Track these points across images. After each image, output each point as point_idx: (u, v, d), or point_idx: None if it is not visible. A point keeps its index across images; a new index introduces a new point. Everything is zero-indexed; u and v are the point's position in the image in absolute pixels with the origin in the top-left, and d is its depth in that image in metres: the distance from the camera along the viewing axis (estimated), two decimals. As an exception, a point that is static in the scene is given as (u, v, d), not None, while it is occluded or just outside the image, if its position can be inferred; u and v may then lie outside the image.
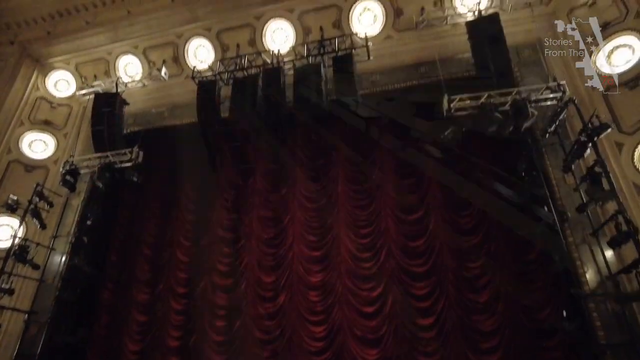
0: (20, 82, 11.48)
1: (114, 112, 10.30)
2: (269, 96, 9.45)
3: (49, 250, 9.66)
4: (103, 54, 11.83)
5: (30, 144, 11.15)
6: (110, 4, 11.55)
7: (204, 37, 11.25)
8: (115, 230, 11.11)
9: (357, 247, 9.38)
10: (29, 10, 11.95)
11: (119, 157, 9.92)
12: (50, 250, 9.68)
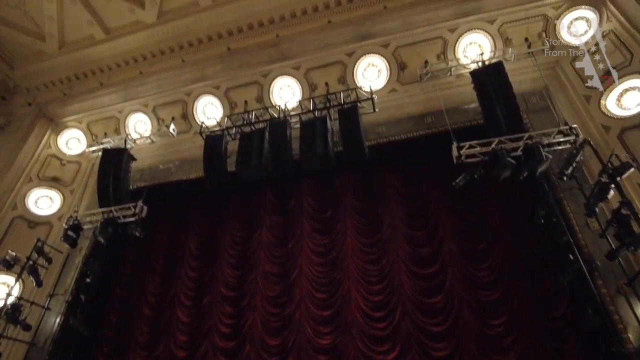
0: (33, 140, 11.70)
1: (120, 167, 10.26)
2: (275, 148, 9.39)
3: (44, 310, 9.18)
4: (114, 112, 12.13)
5: (36, 201, 11.10)
6: (124, 66, 12.07)
7: (212, 95, 11.52)
8: (115, 288, 10.67)
9: (370, 306, 8.76)
10: (47, 74, 12.53)
11: (123, 212, 9.70)
12: (45, 309, 9.20)
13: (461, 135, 8.37)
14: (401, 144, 9.87)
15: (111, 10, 11.35)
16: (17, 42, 12.17)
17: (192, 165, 11.25)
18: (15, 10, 11.56)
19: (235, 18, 11.06)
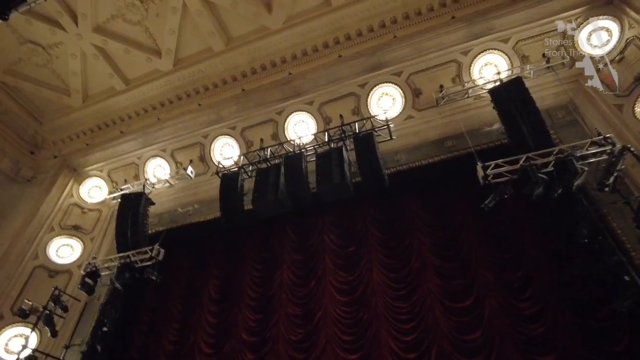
0: (56, 191, 11.91)
1: (138, 211, 10.20)
2: (291, 182, 9.13)
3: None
4: (133, 159, 12.31)
5: (57, 250, 11.09)
6: (143, 114, 12.38)
7: (229, 136, 11.58)
8: (134, 337, 10.24)
9: (401, 347, 8.01)
10: (72, 127, 12.97)
11: (140, 256, 9.51)
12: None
13: (486, 157, 7.89)
14: (422, 170, 9.46)
15: (130, 62, 11.80)
16: (44, 99, 12.74)
17: (210, 206, 11.09)
18: (43, 69, 12.18)
19: (248, 60, 11.28)
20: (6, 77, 12.16)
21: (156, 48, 11.56)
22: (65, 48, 11.61)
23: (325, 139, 9.60)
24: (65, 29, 11.12)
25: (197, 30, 11.08)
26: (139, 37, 11.39)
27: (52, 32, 11.25)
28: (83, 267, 10.13)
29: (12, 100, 12.50)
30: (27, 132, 12.96)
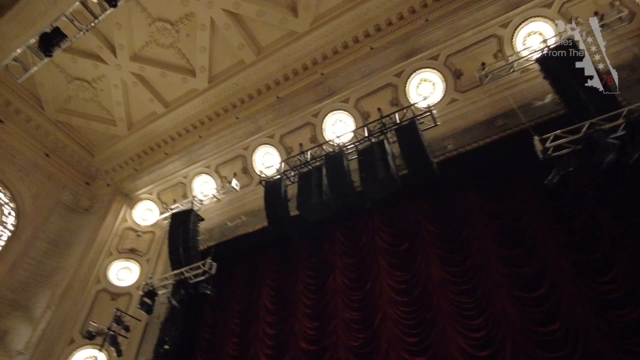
0: (111, 217, 12.40)
1: (188, 228, 10.32)
2: (334, 182, 8.85)
3: (125, 384, 8.98)
4: (180, 178, 12.60)
5: (117, 273, 11.45)
6: (185, 134, 12.68)
7: (268, 145, 11.56)
8: (195, 354, 10.28)
9: (472, 344, 7.38)
10: (121, 155, 13.53)
11: (193, 272, 9.57)
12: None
13: (542, 132, 7.20)
14: (473, 154, 8.84)
15: (167, 84, 12.15)
16: (94, 131, 13.41)
17: (257, 216, 11.04)
18: (90, 103, 12.85)
19: (280, 67, 11.25)
20: (59, 115, 12.92)
21: (190, 68, 11.83)
22: (108, 80, 12.17)
23: (365, 135, 9.28)
24: (105, 62, 11.66)
25: (227, 45, 11.22)
26: (173, 59, 11.71)
27: (94, 66, 11.83)
28: (141, 288, 10.38)
29: (67, 136, 13.25)
30: (82, 165, 13.68)
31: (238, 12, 10.61)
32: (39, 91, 12.38)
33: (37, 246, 11.59)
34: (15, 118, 12.20)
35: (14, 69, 9.57)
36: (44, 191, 12.41)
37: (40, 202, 12.22)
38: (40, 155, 12.63)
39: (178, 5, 10.55)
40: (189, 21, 10.94)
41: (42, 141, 12.75)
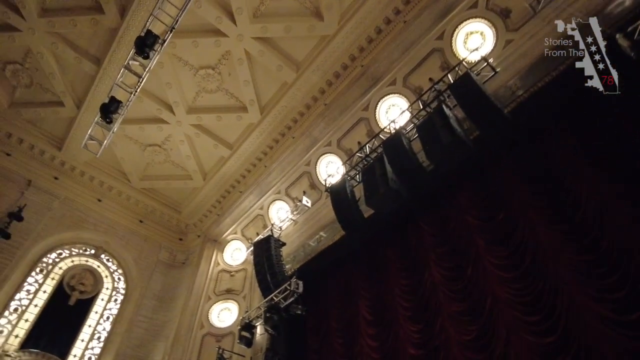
0: (204, 264, 12.88)
1: (270, 253, 10.25)
2: (398, 166, 8.10)
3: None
4: (257, 211, 12.77)
5: (218, 315, 11.64)
6: (252, 168, 12.95)
7: (328, 153, 11.24)
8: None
9: (612, 308, 5.80)
10: (203, 205, 14.25)
11: (282, 295, 9.30)
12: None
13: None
14: (549, 89, 7.47)
15: (225, 127, 12.64)
16: (175, 190, 14.39)
17: (334, 227, 10.54)
18: (165, 165, 13.87)
19: (321, 75, 11.06)
20: (143, 183, 14.13)
21: (241, 104, 12.20)
22: (174, 138, 13.06)
23: (420, 107, 8.48)
24: (167, 122, 12.57)
25: (267, 71, 11.40)
26: (224, 101, 12.19)
27: (159, 129, 12.82)
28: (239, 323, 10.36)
29: (154, 201, 14.38)
30: (172, 223, 14.65)
31: (267, 36, 10.78)
32: (122, 166, 13.73)
33: (146, 304, 12.38)
34: (109, 194, 13.60)
35: (93, 147, 10.67)
36: (143, 254, 13.42)
37: (142, 264, 13.20)
38: (135, 223, 13.80)
39: (212, 49, 11.06)
40: (226, 60, 11.38)
41: (134, 210, 13.98)
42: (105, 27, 10.69)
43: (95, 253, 12.72)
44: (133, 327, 11.75)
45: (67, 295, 11.35)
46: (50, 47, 11.11)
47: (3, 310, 10.23)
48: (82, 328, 11.16)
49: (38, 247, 11.44)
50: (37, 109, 12.35)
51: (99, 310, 11.79)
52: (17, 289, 10.71)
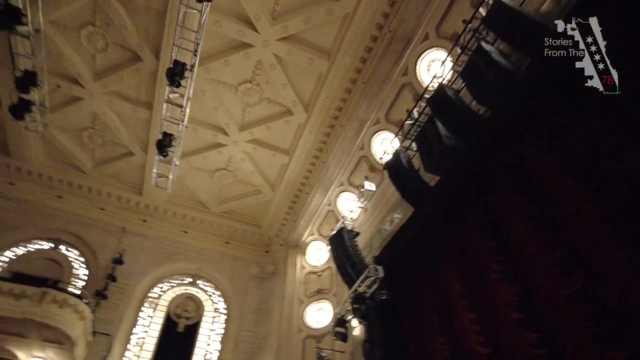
0: (291, 271, 13.10)
1: (345, 245, 10.05)
2: (450, 120, 7.44)
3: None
4: (327, 207, 12.67)
5: (314, 317, 11.68)
6: (312, 168, 12.94)
7: (379, 131, 10.78)
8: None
9: None
10: (278, 215, 14.58)
11: (364, 283, 9.02)
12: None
13: None
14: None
15: (277, 134, 12.81)
16: (249, 206, 14.95)
17: (403, 206, 10.00)
18: (234, 185, 14.47)
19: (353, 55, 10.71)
20: (220, 207, 14.89)
21: (285, 108, 12.26)
22: (234, 158, 13.56)
23: (459, 52, 7.73)
24: (224, 144, 13.10)
25: (299, 68, 11.32)
26: (268, 110, 12.37)
27: (219, 153, 13.41)
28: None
29: (235, 221, 15.06)
30: (255, 238, 15.21)
31: (290, 34, 10.71)
32: (198, 196, 14.62)
33: (247, 319, 12.92)
34: (193, 224, 14.58)
35: (163, 184, 11.48)
36: (235, 272, 14.09)
37: (235, 282, 13.85)
38: (222, 245, 14.57)
39: (244, 62, 11.28)
40: (260, 69, 11.54)
41: (218, 234, 14.78)
42: (146, 73, 11.50)
43: (192, 281, 13.64)
44: (239, 343, 12.31)
45: (175, 323, 12.30)
46: (109, 105, 12.28)
47: (126, 345, 11.37)
48: (194, 351, 11.98)
49: (142, 284, 12.60)
50: (114, 163, 13.72)
51: (205, 332, 12.58)
52: (134, 324, 11.87)
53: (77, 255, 12.69)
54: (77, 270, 12.33)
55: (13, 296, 8.66)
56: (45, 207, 12.99)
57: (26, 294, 8.74)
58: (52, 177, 13.61)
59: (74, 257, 12.60)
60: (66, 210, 13.20)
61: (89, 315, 9.67)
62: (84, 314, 9.43)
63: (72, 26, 10.78)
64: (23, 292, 8.77)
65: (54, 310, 8.78)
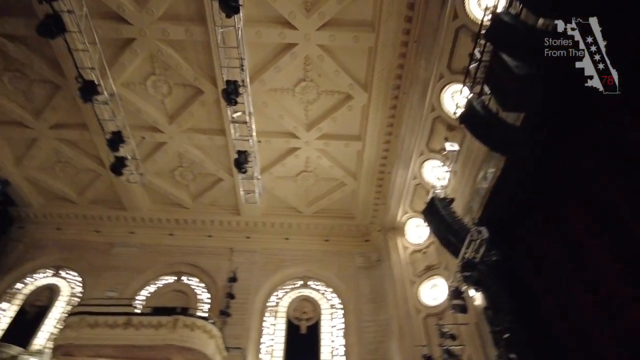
0: (394, 254, 12.88)
1: (441, 215, 9.45)
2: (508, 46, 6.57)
3: None
4: (413, 181, 12.13)
5: (428, 294, 11.28)
6: (389, 144, 12.67)
7: (446, 86, 9.94)
8: (550, 324, 8.31)
9: None
10: (367, 201, 14.47)
11: (470, 249, 8.36)
12: None
13: None
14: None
15: (343, 123, 12.60)
16: (338, 201, 14.95)
17: (495, 157, 9.11)
18: (319, 183, 14.57)
19: (397, 18, 10.25)
20: (311, 208, 15.17)
21: (345, 94, 12.02)
22: (311, 157, 13.69)
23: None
24: (298, 147, 13.28)
25: (346, 49, 11.04)
26: (329, 101, 12.24)
27: (296, 157, 13.61)
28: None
29: (328, 218, 15.26)
30: (353, 230, 15.23)
31: (327, 19, 10.47)
32: (289, 203, 15.07)
33: (365, 310, 12.90)
34: (291, 230, 15.24)
35: (252, 199, 12.07)
36: (342, 267, 14.23)
37: (344, 276, 13.95)
38: (323, 244, 14.87)
39: (293, 63, 11.29)
40: (309, 65, 11.48)
41: (317, 233, 15.12)
42: (210, 102, 12.16)
43: (304, 283, 14.07)
44: (362, 335, 12.31)
45: (296, 326, 12.75)
46: (189, 142, 13.27)
47: (258, 355, 12.10)
48: (321, 349, 12.28)
49: (259, 296, 13.34)
50: (208, 192, 14.83)
51: (327, 329, 12.82)
52: (260, 334, 12.60)
53: (198, 282, 13.95)
54: (200, 295, 13.54)
55: (153, 327, 9.77)
56: (162, 246, 14.57)
57: (162, 324, 9.81)
58: (161, 219, 15.19)
59: (195, 285, 13.89)
60: (180, 245, 14.65)
61: (217, 333, 10.47)
62: (212, 332, 10.24)
63: (138, 81, 11.86)
64: (159, 322, 9.85)
65: (187, 334, 9.70)
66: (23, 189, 14.87)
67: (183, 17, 10.45)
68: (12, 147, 13.89)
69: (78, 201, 15.31)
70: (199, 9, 10.16)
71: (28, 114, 12.84)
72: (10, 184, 14.47)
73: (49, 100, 12.48)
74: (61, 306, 13.22)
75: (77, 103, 11.85)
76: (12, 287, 13.78)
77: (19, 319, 12.93)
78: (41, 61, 11.43)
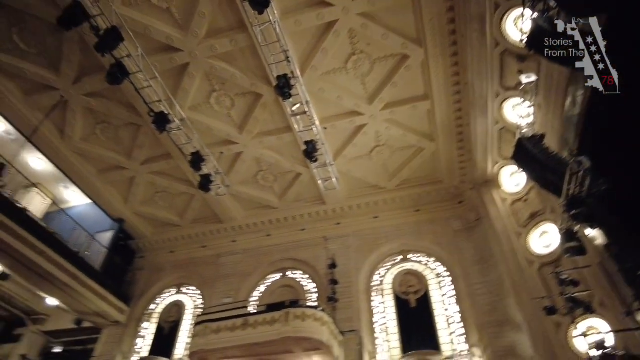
0: (493, 208, 11.96)
1: (533, 155, 8.59)
2: None
3: None
4: (494, 127, 11.16)
5: (538, 243, 10.35)
6: (459, 96, 11.71)
7: (505, 12, 8.88)
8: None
9: None
10: (453, 161, 13.73)
11: (574, 184, 7.42)
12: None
13: None
14: None
15: (405, 86, 11.97)
16: (420, 167, 14.37)
17: (576, 74, 7.92)
18: (395, 155, 14.13)
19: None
20: (394, 182, 14.79)
21: (399, 55, 11.41)
22: (380, 130, 13.30)
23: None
24: (364, 123, 12.99)
25: (389, 9, 10.39)
26: (383, 68, 11.72)
27: (365, 134, 13.31)
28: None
29: (414, 188, 14.77)
30: (442, 194, 14.55)
31: (367, 11, 10.23)
32: (369, 181, 14.88)
33: (473, 273, 12.26)
34: (379, 208, 15.07)
35: (331, 185, 12.08)
36: (439, 234, 13.73)
37: (444, 243, 13.44)
38: (414, 215, 14.56)
39: (338, 41, 10.94)
40: (355, 37, 11.09)
41: (405, 206, 14.81)
42: (270, 103, 12.40)
43: (403, 257, 13.77)
44: (476, 298, 11.70)
45: (405, 301, 12.54)
46: (261, 146, 13.78)
47: (373, 334, 12.17)
48: (436, 319, 11.93)
49: (361, 277, 13.38)
50: (291, 189, 15.29)
51: (437, 299, 12.41)
52: (371, 314, 12.65)
53: (301, 274, 14.45)
54: (307, 286, 14.00)
55: (267, 323, 10.33)
56: (263, 247, 15.39)
57: (275, 319, 10.31)
58: (256, 223, 16.03)
59: (299, 277, 14.42)
60: (277, 243, 15.34)
61: (328, 319, 10.69)
62: (324, 319, 10.49)
63: (202, 101, 12.56)
64: (273, 318, 10.37)
65: (299, 324, 10.06)
66: (135, 223, 16.82)
67: (224, 28, 10.78)
68: (117, 189, 15.75)
69: (181, 223, 16.86)
70: (237, 16, 10.37)
71: (122, 157, 14.41)
72: (125, 222, 16.47)
73: (135, 140, 13.84)
74: (189, 318, 14.73)
75: (156, 136, 12.94)
76: (147, 308, 15.73)
77: (159, 335, 14.74)
78: (119, 107, 12.72)
